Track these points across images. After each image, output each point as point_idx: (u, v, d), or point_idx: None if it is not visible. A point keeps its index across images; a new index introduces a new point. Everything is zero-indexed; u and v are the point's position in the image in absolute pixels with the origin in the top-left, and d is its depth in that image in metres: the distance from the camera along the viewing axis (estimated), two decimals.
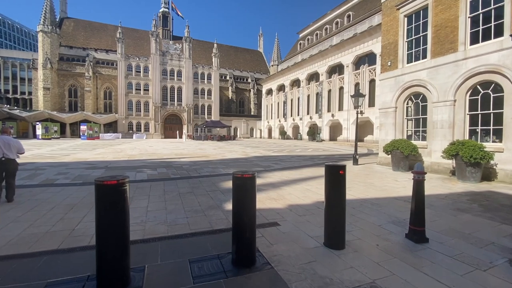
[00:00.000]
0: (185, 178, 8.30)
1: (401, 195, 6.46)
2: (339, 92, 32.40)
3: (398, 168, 10.07)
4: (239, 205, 3.04)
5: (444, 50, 9.54)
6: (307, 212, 5.05)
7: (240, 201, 3.03)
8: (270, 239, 3.77)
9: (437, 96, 9.68)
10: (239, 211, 3.05)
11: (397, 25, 11.33)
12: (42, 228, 4.05)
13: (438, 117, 9.66)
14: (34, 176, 8.13)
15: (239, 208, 3.05)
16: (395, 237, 3.96)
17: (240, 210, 3.04)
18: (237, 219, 3.06)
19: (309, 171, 10.12)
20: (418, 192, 3.83)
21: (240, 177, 3.02)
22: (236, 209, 3.06)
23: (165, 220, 4.51)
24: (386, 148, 10.47)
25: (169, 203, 5.50)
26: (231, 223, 4.56)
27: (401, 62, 11.20)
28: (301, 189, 7.01)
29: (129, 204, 2.67)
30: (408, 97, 11.00)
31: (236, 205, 3.07)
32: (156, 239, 3.73)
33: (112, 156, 14.74)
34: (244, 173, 3.05)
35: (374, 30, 26.00)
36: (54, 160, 12.50)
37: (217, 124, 43.36)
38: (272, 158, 14.69)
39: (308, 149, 22.78)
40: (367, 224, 4.48)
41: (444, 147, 9.16)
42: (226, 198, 5.93)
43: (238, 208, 3.05)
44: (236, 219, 3.07)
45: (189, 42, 52.00)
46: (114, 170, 9.66)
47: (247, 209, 3.03)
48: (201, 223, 4.40)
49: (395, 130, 11.44)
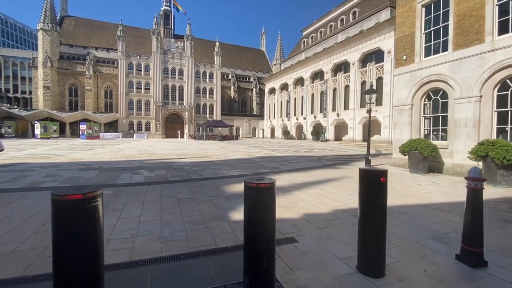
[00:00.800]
0: (185, 181, 7.55)
1: (428, 202, 5.68)
2: (344, 91, 31.56)
3: (416, 170, 9.27)
4: (254, 224, 2.28)
5: (468, 41, 8.73)
6: (327, 224, 4.28)
7: (255, 219, 2.27)
8: (289, 262, 3.01)
9: (460, 91, 8.87)
10: (254, 232, 2.29)
11: (413, 16, 10.52)
12: (9, 246, 3.30)
13: (461, 114, 8.85)
14: (20, 179, 7.41)
15: (254, 228, 2.28)
16: (443, 258, 3.19)
17: (255, 231, 2.28)
18: (251, 242, 2.30)
19: (320, 173, 9.34)
20: (475, 204, 3.04)
21: (255, 187, 2.25)
22: (250, 229, 2.30)
23: (160, 234, 3.76)
24: (403, 148, 9.67)
25: (166, 212, 4.75)
26: (238, 238, 3.82)
27: (418, 56, 10.39)
28: (314, 194, 6.24)
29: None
30: (426, 93, 10.19)
31: (249, 224, 2.30)
32: (146, 262, 2.97)
33: (109, 156, 14.03)
34: (259, 182, 2.28)
35: (382, 26, 25.16)
36: (47, 160, 11.79)
37: (219, 123, 42.64)
38: (278, 159, 13.92)
39: (313, 149, 21.99)
40: (403, 240, 3.71)
41: (468, 147, 8.37)
42: (231, 206, 5.17)
43: (252, 228, 2.29)
44: (249, 242, 2.31)
45: (190, 40, 51.29)
46: (109, 172, 8.93)
47: (264, 230, 2.27)
48: (202, 238, 3.65)
49: (411, 129, 10.64)
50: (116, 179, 7.63)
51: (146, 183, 7.18)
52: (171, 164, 11.35)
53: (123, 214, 4.61)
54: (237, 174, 8.83)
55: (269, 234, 2.29)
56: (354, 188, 6.88)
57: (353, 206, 5.33)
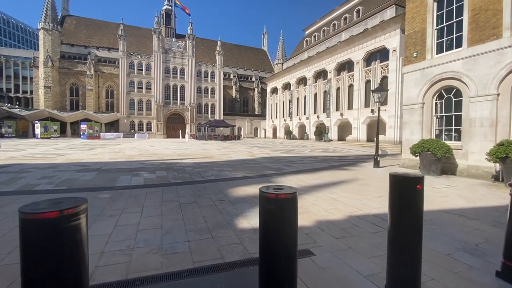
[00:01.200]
0: (187, 184, 7.17)
1: (450, 207, 5.28)
2: (348, 90, 31.09)
3: (429, 172, 8.86)
4: (272, 241, 1.90)
5: (485, 37, 8.30)
6: (344, 233, 3.89)
7: (274, 235, 1.88)
8: (308, 280, 2.62)
9: (475, 89, 8.44)
10: (272, 251, 1.90)
11: (425, 11, 10.10)
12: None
13: (476, 113, 8.43)
14: (14, 181, 7.05)
15: (272, 246, 1.90)
16: (481, 275, 2.80)
17: (273, 249, 1.90)
18: (269, 262, 1.91)
19: (327, 175, 8.94)
20: None
21: (273, 198, 1.86)
22: (267, 247, 1.91)
23: (160, 245, 3.38)
24: (414, 149, 9.25)
25: (167, 218, 4.37)
26: (246, 251, 3.42)
27: (429, 53, 9.97)
28: (325, 198, 5.84)
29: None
30: (438, 91, 9.77)
31: (266, 243, 1.92)
32: (144, 280, 2.60)
33: (108, 157, 13.68)
34: (278, 191, 1.89)
35: (387, 24, 24.69)
36: (45, 161, 11.45)
37: (221, 123, 42.28)
38: (282, 160, 13.52)
39: (317, 149, 21.58)
40: (432, 253, 3.32)
41: (484, 148, 7.96)
42: (237, 212, 4.79)
43: (270, 245, 1.90)
44: (267, 262, 1.92)
45: (192, 39, 50.95)
46: (108, 173, 8.57)
47: (284, 248, 1.88)
48: (207, 250, 3.27)
49: (421, 129, 10.22)
50: (115, 181, 7.26)
51: (146, 186, 6.81)
52: (173, 165, 10.98)
53: (120, 221, 4.24)
54: (241, 176, 8.45)
55: (290, 253, 1.90)
56: (366, 192, 6.49)
57: (368, 211, 4.95)
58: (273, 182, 7.47)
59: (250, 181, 7.58)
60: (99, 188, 6.47)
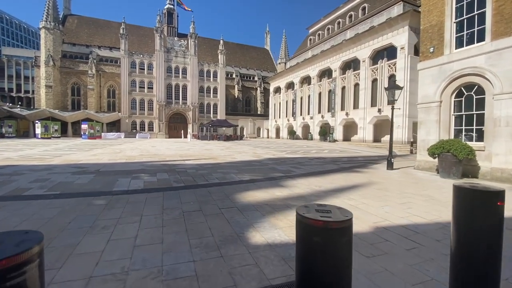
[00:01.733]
0: (191, 188, 6.62)
1: None
2: (354, 89, 30.41)
3: (449, 174, 8.25)
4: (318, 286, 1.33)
5: (510, 29, 7.69)
6: (375, 250, 3.32)
7: (320, 283, 1.31)
8: None
9: (500, 86, 7.83)
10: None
11: (442, 3, 9.49)
12: None
13: (501, 112, 7.82)
14: (3, 184, 6.53)
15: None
16: None
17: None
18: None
19: (340, 178, 8.36)
20: None
21: (321, 226, 1.28)
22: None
23: (160, 267, 2.83)
24: (433, 150, 8.65)
25: (168, 231, 3.82)
26: (264, 274, 2.85)
27: (448, 48, 9.36)
28: (344, 205, 5.25)
29: None
30: (457, 88, 9.17)
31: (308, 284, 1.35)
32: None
33: (108, 158, 13.16)
34: (327, 218, 1.31)
35: (394, 21, 24.01)
36: (41, 162, 10.95)
37: (223, 123, 41.71)
38: (289, 161, 12.95)
39: (323, 150, 20.97)
40: None
41: (510, 149, 7.37)
42: (247, 222, 4.23)
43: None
44: None
45: (194, 38, 50.45)
46: (105, 176, 8.04)
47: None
48: (216, 274, 2.71)
49: (438, 129, 9.62)
50: (112, 185, 6.73)
51: (146, 190, 6.27)
52: (175, 166, 10.44)
53: (115, 234, 3.69)
54: (248, 179, 7.89)
55: None
56: (386, 198, 5.91)
57: (395, 222, 4.38)
58: (284, 186, 6.91)
59: (258, 185, 7.02)
60: (94, 193, 5.93)
